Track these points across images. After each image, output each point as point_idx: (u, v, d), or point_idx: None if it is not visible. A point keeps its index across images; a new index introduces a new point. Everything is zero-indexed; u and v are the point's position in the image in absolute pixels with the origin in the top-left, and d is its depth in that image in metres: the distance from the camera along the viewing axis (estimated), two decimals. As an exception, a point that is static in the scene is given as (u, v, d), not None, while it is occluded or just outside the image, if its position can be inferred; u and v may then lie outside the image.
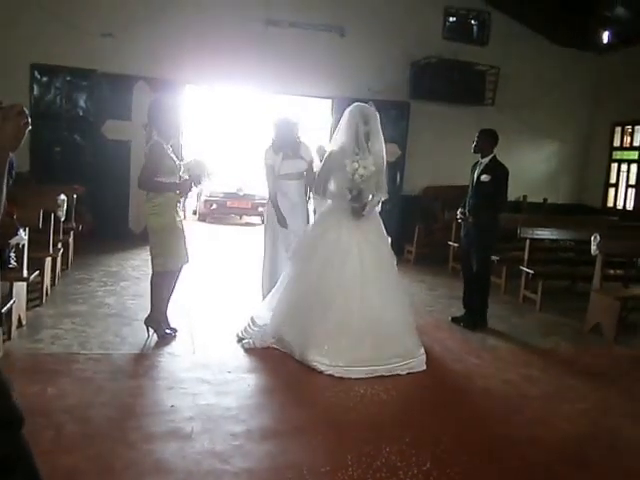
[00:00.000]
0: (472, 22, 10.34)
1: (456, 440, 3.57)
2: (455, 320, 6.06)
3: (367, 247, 4.79)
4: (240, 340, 4.96)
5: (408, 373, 4.55)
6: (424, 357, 4.76)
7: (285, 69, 9.32)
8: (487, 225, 5.81)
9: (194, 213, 14.46)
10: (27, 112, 1.89)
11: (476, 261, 5.89)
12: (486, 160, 5.80)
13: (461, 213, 5.95)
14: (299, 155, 5.62)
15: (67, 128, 8.85)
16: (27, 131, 1.90)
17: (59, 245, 6.40)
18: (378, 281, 4.76)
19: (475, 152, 5.88)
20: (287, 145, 5.57)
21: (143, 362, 4.48)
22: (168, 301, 4.99)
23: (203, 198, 13.66)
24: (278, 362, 4.66)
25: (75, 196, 7.12)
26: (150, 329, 4.95)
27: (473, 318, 5.94)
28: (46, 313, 5.43)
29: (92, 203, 8.37)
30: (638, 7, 8.63)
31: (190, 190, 4.93)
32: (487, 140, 5.80)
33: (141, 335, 4.99)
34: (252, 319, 5.05)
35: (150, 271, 4.94)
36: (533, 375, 4.78)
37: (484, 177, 5.73)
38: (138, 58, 8.91)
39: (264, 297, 5.64)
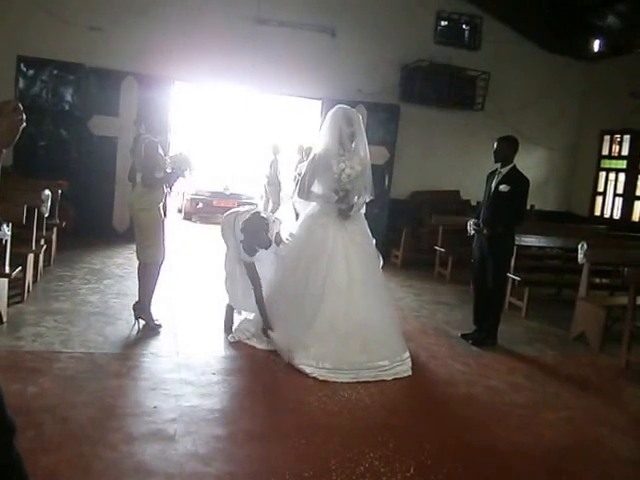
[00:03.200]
0: (464, 27, 10.33)
1: (440, 447, 3.56)
2: (465, 337, 5.74)
3: (353, 248, 4.78)
4: (233, 338, 4.98)
5: (394, 379, 4.52)
6: (410, 361, 4.75)
7: (275, 68, 9.29)
8: (503, 238, 5.50)
9: (179, 211, 14.30)
10: (22, 109, 1.89)
11: (492, 277, 5.54)
12: (506, 170, 5.46)
13: (475, 224, 5.58)
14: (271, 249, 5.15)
15: (52, 122, 8.72)
16: (22, 128, 1.90)
17: (42, 241, 6.31)
18: (365, 283, 4.75)
19: (496, 161, 5.54)
20: (260, 244, 5.01)
21: (125, 362, 4.41)
22: (153, 293, 5.10)
23: (189, 196, 13.52)
24: (263, 364, 4.63)
25: (59, 192, 7.03)
26: (140, 320, 5.06)
27: (482, 335, 5.63)
28: (27, 310, 5.33)
29: (76, 199, 8.26)
30: (629, 17, 8.71)
31: (174, 183, 5.05)
32: (509, 147, 5.45)
33: (124, 334, 4.95)
34: (245, 320, 5.08)
35: (136, 266, 5.09)
36: (518, 382, 4.78)
37: (503, 187, 5.39)
38: (127, 53, 8.81)
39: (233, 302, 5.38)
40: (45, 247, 6.46)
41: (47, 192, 5.92)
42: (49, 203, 6.00)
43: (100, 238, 8.60)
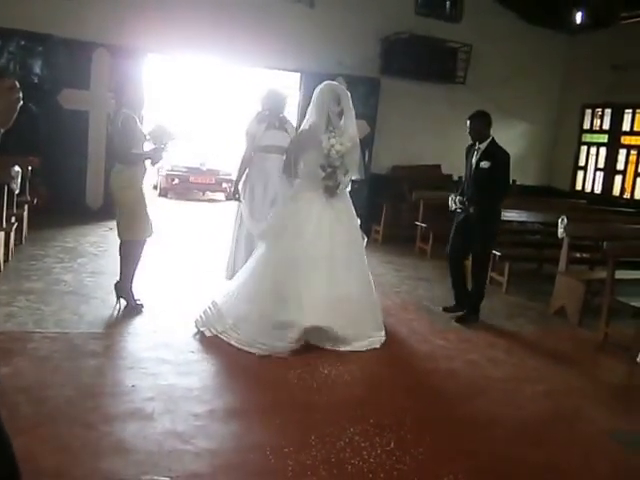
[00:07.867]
0: (445, -2, 10.21)
1: (420, 421, 3.56)
2: (447, 310, 5.74)
3: (338, 227, 4.73)
4: (199, 331, 4.65)
5: (374, 355, 4.52)
6: (383, 338, 4.75)
7: (252, 40, 9.03)
8: (490, 215, 5.44)
9: (155, 188, 14.03)
10: (19, 86, 1.79)
11: (478, 253, 5.51)
12: (484, 145, 5.35)
13: (460, 202, 5.44)
14: (284, 127, 5.50)
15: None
16: (19, 107, 1.79)
17: (13, 219, 6.16)
18: (347, 263, 4.71)
19: (473, 140, 5.43)
20: (273, 118, 5.45)
21: (102, 341, 4.34)
22: (134, 272, 4.97)
23: (164, 172, 13.27)
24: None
25: (30, 168, 6.84)
26: (121, 299, 4.96)
27: (465, 312, 5.60)
28: (-1, 290, 5.21)
29: (47, 176, 8.02)
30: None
31: (162, 157, 4.91)
32: (482, 123, 5.35)
33: (99, 313, 4.84)
34: (214, 302, 4.83)
35: (111, 243, 4.96)
36: (497, 357, 4.80)
37: (484, 164, 5.29)
38: (98, 23, 8.48)
39: (229, 276, 5.49)
40: (16, 225, 6.30)
41: (17, 168, 5.77)
42: (19, 180, 5.85)
43: (73, 215, 8.39)
